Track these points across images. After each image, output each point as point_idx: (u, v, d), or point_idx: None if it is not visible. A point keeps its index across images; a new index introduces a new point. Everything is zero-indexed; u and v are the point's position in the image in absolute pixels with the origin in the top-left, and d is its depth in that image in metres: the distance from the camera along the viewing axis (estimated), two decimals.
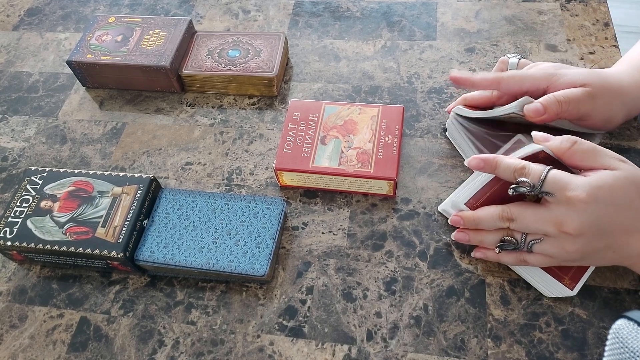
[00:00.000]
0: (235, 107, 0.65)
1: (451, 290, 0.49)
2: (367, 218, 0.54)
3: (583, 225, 0.41)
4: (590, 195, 0.40)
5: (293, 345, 0.47)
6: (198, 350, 0.48)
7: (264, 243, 0.50)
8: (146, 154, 0.62)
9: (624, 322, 0.35)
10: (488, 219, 0.46)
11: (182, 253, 0.50)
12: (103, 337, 0.49)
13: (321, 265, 0.52)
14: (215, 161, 0.60)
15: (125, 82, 0.67)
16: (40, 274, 0.54)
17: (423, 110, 0.62)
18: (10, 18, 0.80)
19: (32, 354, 0.49)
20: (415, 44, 0.68)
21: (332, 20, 0.73)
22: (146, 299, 0.51)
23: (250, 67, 0.64)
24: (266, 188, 0.58)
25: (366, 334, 0.47)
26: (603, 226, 0.41)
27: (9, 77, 0.72)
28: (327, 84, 0.66)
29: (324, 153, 0.55)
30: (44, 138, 0.65)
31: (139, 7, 0.78)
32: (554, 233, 0.42)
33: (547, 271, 0.46)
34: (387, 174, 0.53)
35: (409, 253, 0.51)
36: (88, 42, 0.67)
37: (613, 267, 0.48)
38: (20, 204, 0.54)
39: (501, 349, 0.45)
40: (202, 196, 0.54)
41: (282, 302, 0.50)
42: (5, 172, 0.62)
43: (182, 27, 0.67)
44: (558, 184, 0.42)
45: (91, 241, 0.50)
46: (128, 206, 0.52)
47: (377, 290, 0.50)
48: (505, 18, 0.69)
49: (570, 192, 0.41)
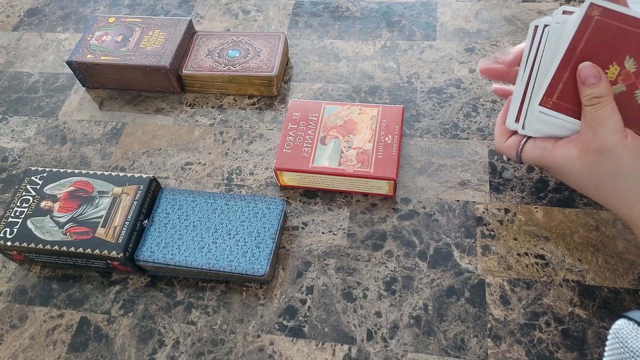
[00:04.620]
0: (235, 107, 0.65)
1: (451, 290, 0.49)
2: (367, 218, 0.54)
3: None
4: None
5: (293, 345, 0.47)
6: (198, 350, 0.48)
7: (264, 243, 0.50)
8: (146, 154, 0.62)
9: (624, 322, 0.35)
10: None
11: (182, 253, 0.50)
12: (103, 337, 0.49)
13: (321, 265, 0.52)
14: (215, 161, 0.60)
15: (125, 82, 0.67)
16: (40, 274, 0.54)
17: (423, 110, 0.62)
18: (10, 18, 0.80)
19: (33, 354, 0.49)
20: (415, 44, 0.68)
21: (331, 20, 0.73)
22: (146, 299, 0.51)
23: (250, 67, 0.64)
24: (266, 188, 0.58)
25: (366, 334, 0.47)
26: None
27: (9, 78, 0.72)
28: (327, 84, 0.66)
29: (323, 153, 0.55)
30: (44, 138, 0.65)
31: (139, 7, 0.78)
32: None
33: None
34: (387, 174, 0.53)
35: (408, 253, 0.51)
36: (88, 43, 0.67)
37: (613, 267, 0.49)
38: (20, 204, 0.54)
39: (501, 348, 0.45)
40: (202, 196, 0.54)
41: (282, 302, 0.50)
42: (5, 173, 0.62)
43: (182, 27, 0.67)
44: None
45: (91, 241, 0.50)
46: (128, 206, 0.52)
47: (377, 290, 0.50)
48: (505, 18, 0.69)
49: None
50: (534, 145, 0.45)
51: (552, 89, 0.44)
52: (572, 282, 0.48)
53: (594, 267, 0.49)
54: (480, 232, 0.52)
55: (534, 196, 0.54)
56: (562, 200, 0.53)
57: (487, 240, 0.51)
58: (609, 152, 0.40)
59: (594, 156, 0.41)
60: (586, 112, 0.41)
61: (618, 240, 0.50)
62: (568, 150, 0.42)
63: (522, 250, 0.50)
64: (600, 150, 0.40)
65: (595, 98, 0.41)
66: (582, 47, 0.42)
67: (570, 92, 0.43)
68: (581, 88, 0.42)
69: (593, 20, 0.41)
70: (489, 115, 0.60)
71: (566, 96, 0.44)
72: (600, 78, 0.41)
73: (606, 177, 0.41)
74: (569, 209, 0.52)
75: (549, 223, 0.52)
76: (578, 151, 0.42)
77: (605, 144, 0.40)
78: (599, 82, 0.41)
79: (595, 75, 0.41)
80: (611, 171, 0.40)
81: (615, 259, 0.49)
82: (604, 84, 0.41)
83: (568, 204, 0.53)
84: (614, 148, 0.40)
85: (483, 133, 0.59)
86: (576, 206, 0.53)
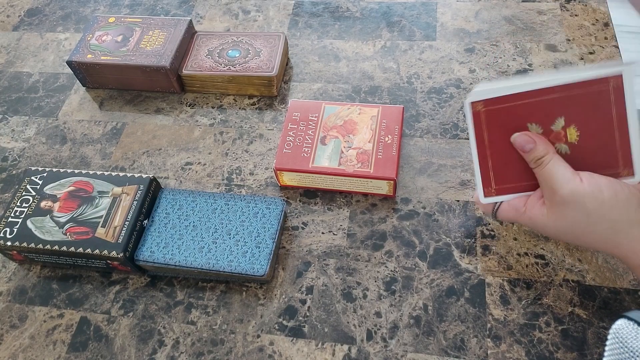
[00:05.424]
0: (235, 107, 0.65)
1: (451, 290, 0.49)
2: (367, 218, 0.54)
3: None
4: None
5: (293, 345, 0.47)
6: (198, 350, 0.48)
7: (264, 243, 0.50)
8: (146, 154, 0.62)
9: (624, 322, 0.35)
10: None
11: (182, 253, 0.50)
12: (103, 337, 0.49)
13: (321, 265, 0.52)
14: (215, 161, 0.60)
15: (125, 82, 0.67)
16: (40, 274, 0.54)
17: (423, 110, 0.62)
18: (10, 18, 0.80)
19: (33, 354, 0.49)
20: (415, 44, 0.68)
21: (331, 21, 0.73)
22: (146, 299, 0.51)
23: (250, 67, 0.64)
24: (266, 188, 0.58)
25: (366, 334, 0.47)
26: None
27: (9, 78, 0.72)
28: (327, 84, 0.66)
29: (323, 153, 0.55)
30: (44, 138, 0.65)
31: (139, 7, 0.78)
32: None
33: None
34: (387, 174, 0.53)
35: (408, 253, 0.51)
36: (88, 42, 0.67)
37: (613, 267, 0.49)
38: (20, 204, 0.54)
39: (501, 348, 0.45)
40: (202, 196, 0.54)
41: (282, 302, 0.50)
42: (5, 172, 0.62)
43: (182, 27, 0.67)
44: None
45: (91, 241, 0.50)
46: (128, 206, 0.52)
47: (377, 290, 0.50)
48: (505, 18, 0.69)
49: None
50: (508, 206, 0.46)
51: (486, 180, 0.46)
52: (572, 282, 0.48)
53: (594, 267, 0.49)
54: (480, 232, 0.52)
55: None
56: None
57: (487, 240, 0.51)
58: (571, 201, 0.40)
59: (560, 209, 0.41)
60: (537, 173, 0.43)
61: None
62: (538, 209, 0.43)
63: (522, 250, 0.50)
64: (563, 202, 0.41)
65: (538, 160, 0.42)
66: (487, 136, 0.44)
67: (504, 174, 0.45)
68: (523, 155, 0.43)
69: (481, 113, 0.43)
70: None
71: (502, 179, 0.45)
72: (534, 142, 0.42)
73: (580, 225, 0.41)
74: None
75: None
76: (546, 209, 0.43)
77: (564, 195, 0.40)
78: (535, 145, 0.42)
79: (528, 142, 0.43)
80: (581, 219, 0.41)
81: (615, 259, 0.49)
82: (540, 145, 0.42)
83: None
84: (574, 194, 0.40)
85: None
86: None
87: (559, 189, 0.41)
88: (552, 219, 0.42)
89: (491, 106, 0.43)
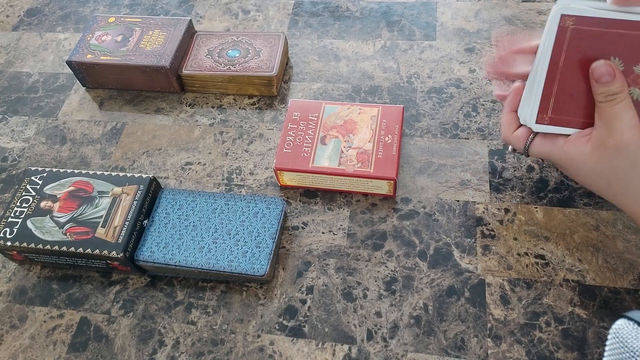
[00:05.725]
0: (235, 107, 0.65)
1: (451, 289, 0.49)
2: (367, 218, 0.54)
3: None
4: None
5: (293, 345, 0.47)
6: (198, 350, 0.48)
7: (264, 243, 0.50)
8: (146, 154, 0.62)
9: (624, 322, 0.35)
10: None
11: (182, 253, 0.50)
12: (103, 337, 0.49)
13: (321, 265, 0.52)
14: (215, 161, 0.60)
15: (125, 82, 0.67)
16: (40, 274, 0.54)
17: (423, 110, 0.62)
18: (10, 18, 0.80)
19: (33, 354, 0.49)
20: (415, 43, 0.68)
21: (331, 20, 0.73)
22: (146, 299, 0.51)
23: (250, 67, 0.64)
24: (266, 188, 0.58)
25: (366, 334, 0.47)
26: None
27: (9, 78, 0.72)
28: (327, 84, 0.66)
29: (323, 153, 0.55)
30: (44, 138, 0.65)
31: (139, 7, 0.78)
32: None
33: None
34: (387, 174, 0.53)
35: (409, 253, 0.51)
36: (88, 42, 0.67)
37: (613, 267, 0.49)
38: (20, 204, 0.54)
39: (501, 348, 0.45)
40: (202, 196, 0.54)
41: (282, 302, 0.50)
42: (5, 173, 0.62)
43: (181, 27, 0.67)
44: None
45: (91, 241, 0.50)
46: (128, 206, 0.52)
47: (377, 289, 0.50)
48: (505, 18, 0.69)
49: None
50: (544, 139, 0.44)
51: (545, 105, 0.43)
52: (572, 282, 0.48)
53: (594, 267, 0.49)
54: (480, 232, 0.52)
55: (534, 196, 0.54)
56: (562, 200, 0.53)
57: (487, 240, 0.51)
58: (624, 149, 0.39)
59: (608, 152, 0.40)
60: (601, 109, 0.40)
61: (618, 240, 0.50)
62: (580, 147, 0.42)
63: (522, 250, 0.50)
64: (615, 147, 0.39)
65: (611, 95, 0.40)
66: (564, 58, 0.41)
67: (565, 104, 0.42)
68: (595, 86, 0.41)
69: (568, 30, 0.40)
70: (489, 115, 0.60)
71: (561, 109, 0.43)
72: (614, 75, 0.40)
73: (619, 175, 0.40)
74: (569, 209, 0.52)
75: (549, 223, 0.52)
76: (591, 147, 0.41)
77: (621, 140, 0.39)
78: (613, 79, 0.40)
79: (609, 73, 0.40)
80: (625, 168, 0.40)
81: (615, 259, 0.49)
82: (619, 81, 0.40)
83: (568, 203, 0.53)
84: (630, 144, 0.39)
85: (483, 133, 0.59)
86: (576, 206, 0.53)
87: (618, 133, 0.39)
88: (593, 159, 0.40)
89: (582, 25, 0.39)
